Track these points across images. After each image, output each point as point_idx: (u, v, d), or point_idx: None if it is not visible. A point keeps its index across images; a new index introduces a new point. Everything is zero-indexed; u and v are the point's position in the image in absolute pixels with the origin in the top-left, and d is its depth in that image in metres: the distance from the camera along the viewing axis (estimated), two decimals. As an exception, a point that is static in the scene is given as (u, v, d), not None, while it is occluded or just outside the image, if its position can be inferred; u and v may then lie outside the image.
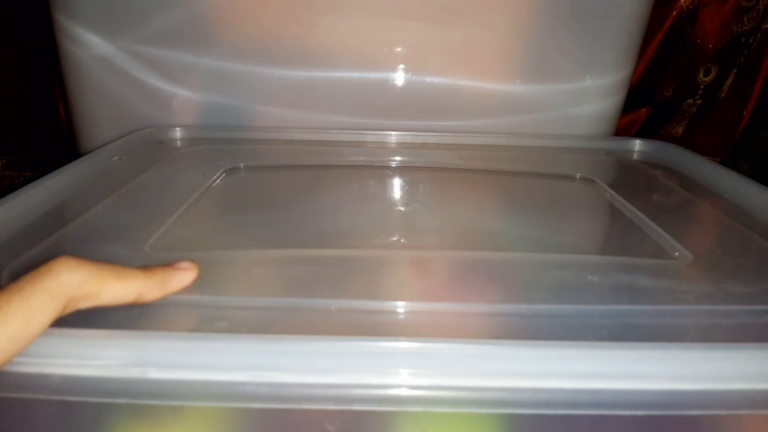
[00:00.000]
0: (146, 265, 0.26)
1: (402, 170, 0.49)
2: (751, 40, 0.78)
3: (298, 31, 0.57)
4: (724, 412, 0.22)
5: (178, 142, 0.54)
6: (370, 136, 0.56)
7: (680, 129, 0.85)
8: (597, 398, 0.22)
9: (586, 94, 0.61)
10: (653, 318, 0.26)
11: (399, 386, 0.21)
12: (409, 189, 0.45)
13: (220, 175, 0.45)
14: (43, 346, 0.22)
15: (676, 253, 0.33)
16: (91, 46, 0.56)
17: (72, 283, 0.23)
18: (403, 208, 0.40)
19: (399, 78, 0.59)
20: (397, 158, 0.51)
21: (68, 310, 0.23)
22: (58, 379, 0.22)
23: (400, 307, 0.26)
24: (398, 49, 0.58)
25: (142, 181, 0.42)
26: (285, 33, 0.57)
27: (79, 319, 0.25)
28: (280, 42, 0.57)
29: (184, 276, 0.27)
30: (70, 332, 0.22)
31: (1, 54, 0.70)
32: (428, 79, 0.59)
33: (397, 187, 0.45)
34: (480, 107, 0.61)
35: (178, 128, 0.55)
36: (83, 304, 0.24)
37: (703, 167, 0.49)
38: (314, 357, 0.21)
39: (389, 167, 0.49)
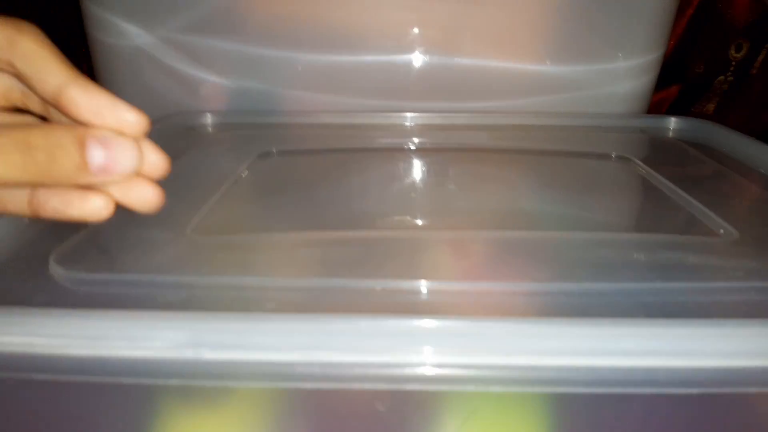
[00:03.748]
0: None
1: (434, 152, 0.48)
2: (784, 14, 0.76)
3: (325, 14, 0.56)
4: None
5: (209, 128, 0.55)
6: (400, 119, 0.55)
7: (711, 106, 0.83)
8: (650, 377, 0.21)
9: (619, 73, 0.60)
10: (703, 295, 0.26)
11: (448, 365, 0.21)
12: (442, 170, 0.44)
13: (253, 160, 0.45)
14: (96, 329, 0.22)
15: (721, 230, 0.33)
16: (121, 35, 0.56)
17: None
18: (438, 190, 0.40)
19: (427, 59, 0.58)
20: (429, 140, 0.51)
21: None
22: (113, 361, 0.22)
23: (448, 286, 0.26)
24: (426, 31, 0.58)
25: (176, 166, 0.42)
26: (312, 16, 0.56)
27: (127, 305, 0.25)
28: (307, 25, 0.57)
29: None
30: (123, 314, 0.22)
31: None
32: (457, 60, 0.59)
33: (430, 168, 0.45)
34: (510, 88, 0.60)
35: (208, 113, 0.55)
36: None
37: (740, 144, 0.48)
38: (365, 336, 0.21)
39: (421, 149, 0.49)
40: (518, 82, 0.60)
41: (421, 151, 0.48)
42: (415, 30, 0.57)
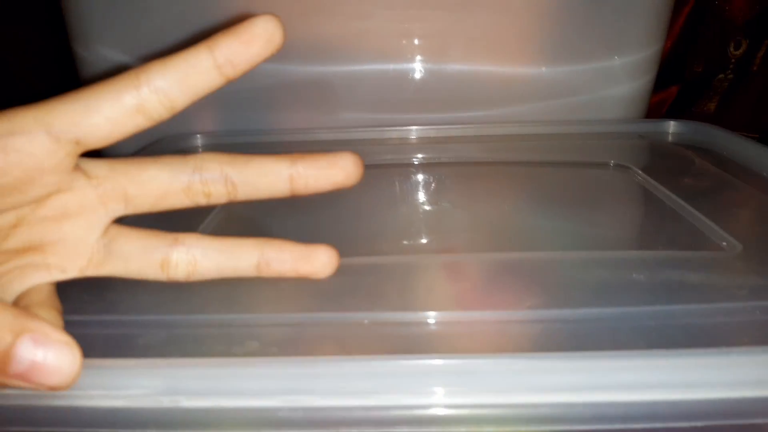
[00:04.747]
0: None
1: (428, 167, 0.47)
2: (783, 10, 0.75)
3: (312, 26, 0.56)
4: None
5: (200, 150, 0.54)
6: (393, 132, 0.54)
7: (712, 105, 0.82)
8: (652, 410, 0.20)
9: (615, 75, 0.59)
10: (705, 317, 0.25)
11: (438, 406, 0.20)
12: (436, 187, 0.43)
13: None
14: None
15: (724, 243, 0.32)
16: (109, 63, 0.56)
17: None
18: (431, 209, 0.39)
19: (419, 69, 0.57)
20: (422, 155, 0.50)
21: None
22: (87, 411, 0.21)
23: (435, 317, 0.25)
24: (416, 40, 0.57)
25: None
26: (299, 29, 0.56)
27: (107, 347, 0.24)
28: (294, 38, 0.56)
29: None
30: (97, 362, 0.21)
31: (27, 83, 0.71)
32: (450, 69, 0.58)
33: (423, 186, 0.44)
34: (505, 95, 0.59)
35: (198, 135, 0.55)
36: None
37: (742, 147, 0.47)
38: (348, 379, 0.20)
39: (414, 165, 0.48)
40: (513, 89, 0.59)
41: (415, 167, 0.47)
42: (405, 39, 0.57)
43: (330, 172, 0.26)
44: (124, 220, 0.27)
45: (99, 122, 0.23)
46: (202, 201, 0.26)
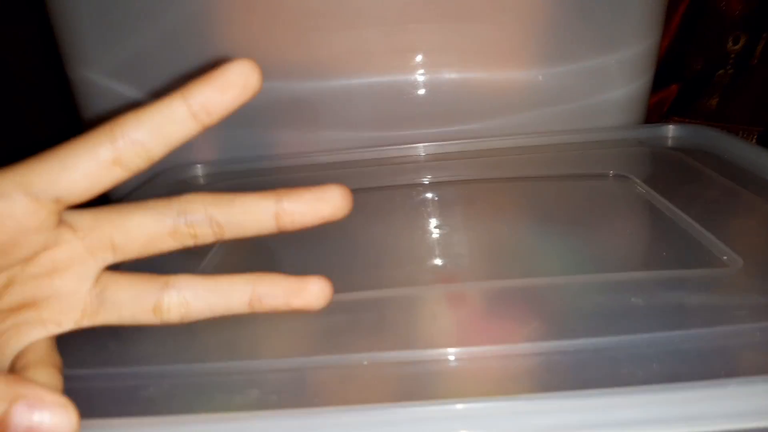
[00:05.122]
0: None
1: (425, 188, 0.47)
2: (780, 3, 0.74)
3: (306, 43, 0.56)
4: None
5: (201, 179, 0.54)
6: (391, 151, 0.54)
7: (714, 102, 0.81)
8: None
9: (612, 76, 0.58)
10: (704, 341, 0.25)
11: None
12: (432, 211, 0.43)
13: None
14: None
15: (725, 257, 0.31)
16: (105, 95, 0.56)
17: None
18: (427, 234, 0.39)
19: (413, 82, 0.57)
20: (419, 175, 0.50)
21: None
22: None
23: (432, 355, 0.25)
24: (409, 53, 0.57)
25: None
26: (293, 47, 0.56)
27: (111, 400, 0.25)
28: (288, 56, 0.56)
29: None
30: (97, 423, 0.22)
31: (27, 117, 0.72)
32: (444, 80, 0.58)
33: (420, 209, 0.44)
34: (501, 105, 0.59)
35: (199, 165, 0.55)
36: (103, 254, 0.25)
37: (742, 150, 0.46)
38: (346, 429, 0.21)
39: (411, 186, 0.48)
40: (508, 98, 0.58)
41: (412, 189, 0.47)
42: (398, 52, 0.57)
43: (316, 206, 0.26)
44: (116, 267, 0.27)
45: (77, 179, 0.23)
46: (189, 242, 0.26)
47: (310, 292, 0.26)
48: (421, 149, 0.54)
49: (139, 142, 0.23)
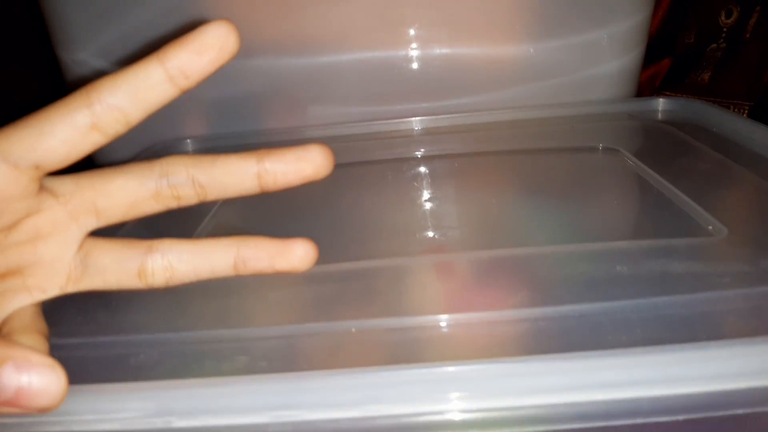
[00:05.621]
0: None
1: (416, 162, 0.47)
2: (772, -25, 0.74)
3: (294, 19, 0.55)
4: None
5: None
6: (382, 126, 0.54)
7: (706, 76, 0.81)
8: (634, 406, 0.21)
9: (603, 51, 0.58)
10: (687, 308, 0.25)
11: (427, 414, 0.21)
12: (422, 184, 0.43)
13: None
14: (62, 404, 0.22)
15: (710, 227, 0.32)
16: (95, 77, 0.56)
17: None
18: (418, 207, 0.39)
19: (404, 57, 0.57)
20: (410, 149, 0.50)
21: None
22: (81, 436, 0.22)
23: (420, 322, 0.25)
24: (400, 27, 0.57)
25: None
26: (281, 22, 0.56)
27: (100, 368, 0.25)
28: (277, 32, 0.56)
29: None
30: (89, 387, 0.22)
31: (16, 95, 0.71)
32: (435, 55, 0.58)
33: (411, 182, 0.44)
34: (492, 79, 0.59)
35: (189, 140, 0.55)
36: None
37: (731, 122, 0.47)
38: (333, 391, 0.21)
39: (402, 160, 0.48)
40: (500, 72, 0.58)
41: (403, 163, 0.47)
42: (389, 26, 0.56)
43: (298, 166, 0.25)
44: (98, 232, 0.27)
45: (55, 145, 0.23)
46: (173, 204, 0.26)
47: (295, 254, 0.26)
48: (412, 123, 0.54)
49: (116, 107, 0.23)
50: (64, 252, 0.25)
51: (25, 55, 0.75)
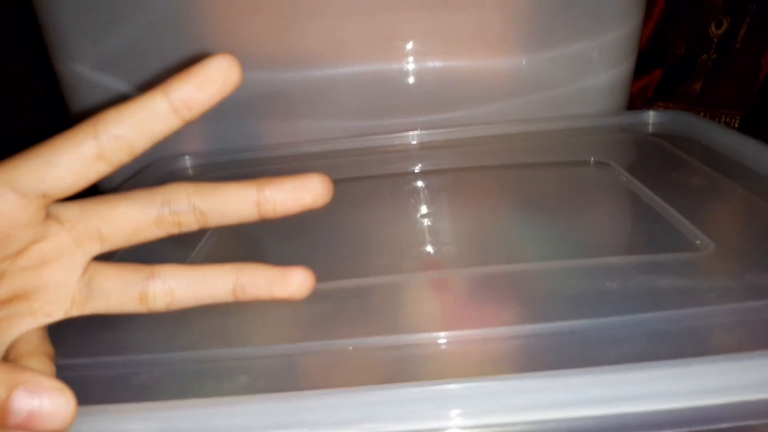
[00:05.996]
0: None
1: (409, 177, 0.48)
2: (761, -13, 0.75)
3: (291, 33, 0.56)
4: (756, 422, 0.22)
5: (190, 171, 0.55)
6: (377, 141, 0.55)
7: (697, 86, 0.82)
8: (623, 422, 0.21)
9: (594, 64, 0.59)
10: (674, 323, 0.26)
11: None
12: (416, 200, 0.44)
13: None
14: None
15: (698, 242, 0.33)
16: (92, 88, 0.57)
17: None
18: (413, 223, 0.40)
19: (397, 72, 0.58)
20: (403, 164, 0.51)
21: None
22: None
23: (417, 341, 0.26)
24: (394, 41, 0.58)
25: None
26: (278, 36, 0.56)
27: (104, 388, 0.26)
28: (273, 46, 0.57)
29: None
30: (94, 409, 0.23)
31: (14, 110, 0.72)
32: (429, 69, 0.58)
33: (404, 198, 0.45)
34: (485, 92, 0.59)
35: (187, 156, 0.56)
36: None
37: (720, 135, 0.47)
38: (334, 410, 0.22)
39: (396, 175, 0.49)
40: (492, 85, 0.59)
41: (397, 178, 0.48)
42: (383, 41, 0.57)
43: (297, 195, 0.26)
44: (108, 256, 0.27)
45: (62, 174, 0.23)
46: (174, 231, 0.27)
47: (293, 282, 0.27)
48: (406, 138, 0.55)
49: (121, 138, 0.24)
50: (68, 277, 0.26)
51: (21, 65, 0.76)
